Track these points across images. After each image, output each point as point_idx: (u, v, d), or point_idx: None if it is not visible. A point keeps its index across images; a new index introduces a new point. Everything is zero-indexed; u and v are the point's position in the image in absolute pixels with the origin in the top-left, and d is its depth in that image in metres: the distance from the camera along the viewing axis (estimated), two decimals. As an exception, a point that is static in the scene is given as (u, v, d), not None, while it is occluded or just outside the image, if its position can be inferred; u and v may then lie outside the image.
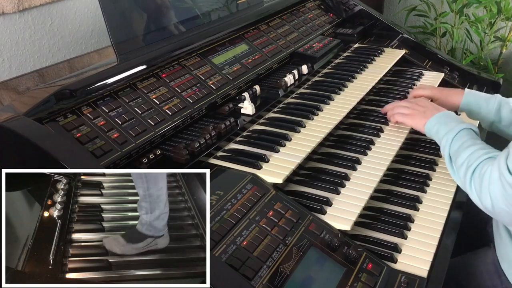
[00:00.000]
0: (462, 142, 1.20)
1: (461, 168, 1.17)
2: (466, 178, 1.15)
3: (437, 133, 1.29)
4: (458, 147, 1.20)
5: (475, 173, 1.13)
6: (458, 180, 1.21)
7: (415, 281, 1.03)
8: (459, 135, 1.22)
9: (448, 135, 1.24)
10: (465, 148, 1.18)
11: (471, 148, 1.17)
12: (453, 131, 1.24)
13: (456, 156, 1.20)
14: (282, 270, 0.95)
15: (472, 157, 1.15)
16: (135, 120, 1.18)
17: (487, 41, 2.62)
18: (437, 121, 1.30)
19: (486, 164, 1.11)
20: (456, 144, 1.21)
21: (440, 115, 1.32)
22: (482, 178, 1.10)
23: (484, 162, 1.12)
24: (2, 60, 1.65)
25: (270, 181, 1.15)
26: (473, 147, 1.17)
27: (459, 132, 1.23)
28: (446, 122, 1.28)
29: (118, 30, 1.35)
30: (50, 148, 0.93)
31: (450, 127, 1.26)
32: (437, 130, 1.29)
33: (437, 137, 1.30)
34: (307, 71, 1.65)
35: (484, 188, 1.09)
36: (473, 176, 1.13)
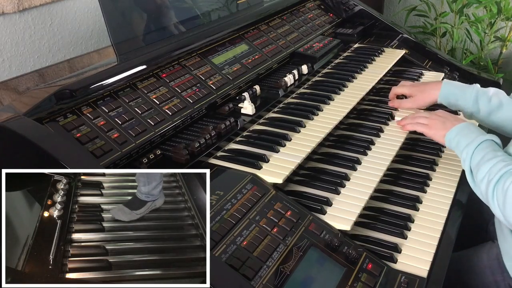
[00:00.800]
0: (483, 155, 1.17)
1: (482, 182, 1.15)
2: (488, 192, 1.13)
3: (458, 145, 1.26)
4: (479, 161, 1.17)
5: (497, 187, 1.10)
6: (480, 195, 1.18)
7: (415, 281, 1.03)
8: (480, 147, 1.19)
9: (469, 148, 1.21)
10: (486, 161, 1.15)
11: (492, 161, 1.14)
12: (474, 143, 1.21)
13: (476, 170, 1.17)
14: (282, 270, 0.95)
15: (493, 170, 1.13)
16: (135, 120, 1.18)
17: (487, 41, 2.62)
18: (457, 133, 1.28)
19: (509, 178, 1.09)
20: (477, 157, 1.18)
21: (461, 127, 1.29)
22: (506, 194, 1.08)
23: (506, 175, 1.10)
24: (2, 60, 1.65)
25: (270, 181, 1.15)
26: (494, 160, 1.14)
27: (479, 144, 1.20)
28: (466, 134, 1.25)
29: (118, 30, 1.35)
30: (50, 148, 0.93)
31: (470, 139, 1.23)
32: (457, 142, 1.26)
33: (457, 150, 1.27)
34: (307, 71, 1.65)
35: (508, 204, 1.07)
36: (495, 191, 1.11)
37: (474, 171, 1.19)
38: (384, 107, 1.61)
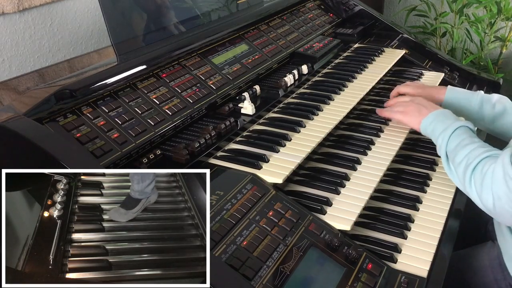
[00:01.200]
0: (460, 140, 1.18)
1: (460, 166, 1.15)
2: (465, 176, 1.13)
3: (433, 132, 1.27)
4: (456, 145, 1.18)
5: (475, 171, 1.10)
6: (455, 179, 1.19)
7: (415, 281, 1.03)
8: (456, 133, 1.20)
9: (445, 133, 1.22)
10: (464, 146, 1.16)
11: (470, 146, 1.15)
12: (450, 129, 1.21)
13: (454, 155, 1.18)
14: (282, 270, 0.95)
15: (471, 155, 1.13)
16: (135, 120, 1.18)
17: (487, 41, 2.62)
18: (433, 119, 1.28)
19: (487, 163, 1.09)
20: (454, 142, 1.19)
21: (436, 113, 1.29)
22: (484, 177, 1.08)
23: (485, 160, 1.10)
24: (2, 60, 1.65)
25: (270, 181, 1.15)
26: (472, 145, 1.15)
27: (455, 129, 1.21)
28: (442, 120, 1.26)
29: (118, 30, 1.35)
30: (50, 148, 0.93)
31: (446, 125, 1.23)
32: (433, 128, 1.27)
33: (433, 136, 1.27)
34: (307, 71, 1.65)
35: (485, 187, 1.07)
36: (473, 174, 1.11)
37: (451, 156, 1.18)
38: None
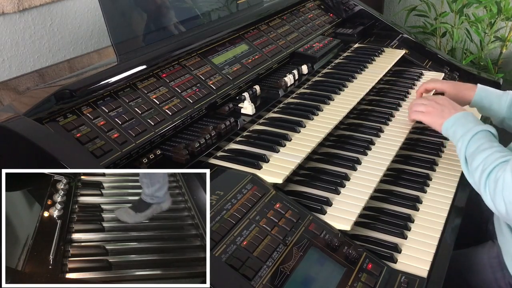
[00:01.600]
0: (479, 144, 1.17)
1: (476, 171, 1.14)
2: (481, 181, 1.13)
3: (454, 135, 1.26)
4: (474, 150, 1.17)
5: (490, 177, 1.10)
6: (473, 184, 1.18)
7: (415, 281, 1.03)
8: (476, 137, 1.19)
9: (465, 137, 1.21)
10: (482, 151, 1.15)
11: (487, 151, 1.14)
12: (470, 133, 1.20)
13: (472, 159, 1.17)
14: (282, 270, 0.95)
15: (487, 160, 1.13)
16: (135, 120, 1.18)
17: (487, 41, 2.62)
18: (454, 122, 1.27)
19: (501, 168, 1.09)
20: (473, 146, 1.18)
21: (459, 116, 1.28)
22: (497, 183, 1.08)
23: (500, 165, 1.10)
24: (2, 60, 1.65)
25: (270, 181, 1.15)
26: (490, 150, 1.14)
27: (476, 134, 1.20)
28: (463, 124, 1.25)
29: (118, 30, 1.35)
30: (50, 148, 0.93)
31: (467, 129, 1.22)
32: (454, 131, 1.26)
33: (454, 139, 1.26)
34: (307, 71, 1.65)
35: (498, 193, 1.08)
36: (488, 180, 1.11)
37: (469, 160, 1.18)
38: (384, 107, 1.61)
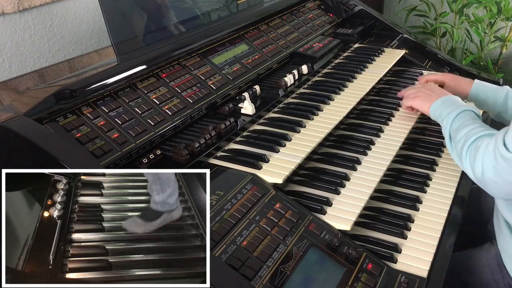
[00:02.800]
0: (463, 121, 1.24)
1: (459, 143, 1.21)
2: (462, 150, 1.19)
3: (440, 115, 1.34)
4: (458, 126, 1.24)
5: (471, 146, 1.17)
6: (454, 156, 1.25)
7: (415, 281, 1.03)
8: (460, 115, 1.26)
9: (450, 115, 1.28)
10: (465, 126, 1.22)
11: (470, 126, 1.21)
12: (455, 112, 1.28)
13: (455, 134, 1.24)
14: (282, 270, 0.95)
15: (470, 132, 1.19)
16: (135, 120, 1.18)
17: (487, 41, 2.62)
18: (441, 104, 1.35)
19: (483, 138, 1.15)
20: (457, 123, 1.25)
21: (445, 99, 1.37)
22: (477, 150, 1.14)
23: (482, 137, 1.16)
24: (2, 60, 1.65)
25: (270, 181, 1.15)
26: (473, 125, 1.21)
27: (460, 113, 1.27)
28: (449, 105, 1.33)
29: (118, 30, 1.35)
30: (50, 148, 0.93)
31: (452, 108, 1.30)
32: (440, 112, 1.34)
33: (439, 119, 1.34)
34: (307, 71, 1.65)
35: (477, 158, 1.13)
36: (469, 149, 1.17)
37: (453, 135, 1.26)
38: (384, 107, 1.61)
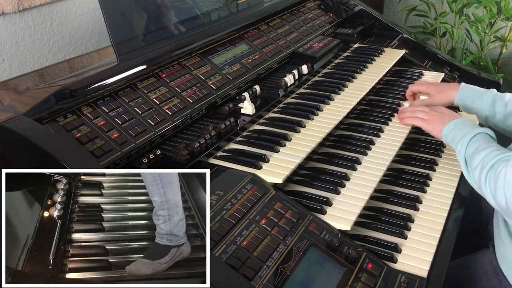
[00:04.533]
0: (478, 145, 1.21)
1: (476, 170, 1.17)
2: (481, 179, 1.15)
3: (453, 139, 1.29)
4: (473, 150, 1.20)
5: (490, 172, 1.13)
6: (473, 183, 1.21)
7: (415, 281, 1.03)
8: (474, 139, 1.23)
9: (464, 139, 1.24)
10: (480, 151, 1.18)
11: (486, 150, 1.17)
12: (468, 135, 1.24)
13: (471, 159, 1.20)
14: (282, 270, 0.95)
15: (487, 158, 1.15)
16: (135, 120, 1.18)
17: (487, 41, 2.62)
18: (453, 127, 1.31)
19: (501, 164, 1.11)
20: (472, 147, 1.22)
21: (457, 122, 1.32)
22: (497, 178, 1.10)
23: (499, 162, 1.12)
24: (2, 60, 1.65)
25: (270, 181, 1.15)
26: (488, 149, 1.17)
27: (474, 136, 1.23)
28: (462, 128, 1.29)
29: (118, 30, 1.35)
30: (50, 148, 0.93)
31: (465, 132, 1.26)
32: (453, 135, 1.30)
33: (453, 143, 1.30)
34: (307, 71, 1.65)
35: (498, 188, 1.09)
36: (488, 177, 1.13)
37: (468, 161, 1.21)
38: (384, 107, 1.61)
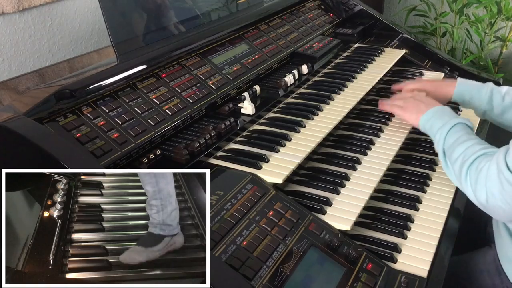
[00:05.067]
0: (457, 136, 1.19)
1: (456, 162, 1.16)
2: (461, 173, 1.14)
3: (431, 128, 1.28)
4: (453, 142, 1.19)
5: (471, 167, 1.11)
6: (452, 176, 1.20)
7: (415, 281, 1.03)
8: (454, 130, 1.21)
9: (442, 130, 1.23)
10: (461, 143, 1.17)
11: (467, 143, 1.16)
12: (447, 125, 1.22)
13: (450, 151, 1.19)
14: (282, 270, 0.95)
15: (468, 151, 1.14)
16: (135, 120, 1.18)
17: (487, 41, 2.62)
18: (431, 116, 1.29)
19: (483, 160, 1.10)
20: (451, 138, 1.20)
21: (435, 110, 1.30)
22: (479, 174, 1.09)
23: (481, 157, 1.11)
24: (2, 60, 1.65)
25: (270, 181, 1.15)
26: (469, 142, 1.16)
27: (453, 126, 1.22)
28: (440, 117, 1.27)
29: (118, 30, 1.35)
30: (50, 148, 0.93)
31: (444, 121, 1.24)
32: (431, 125, 1.28)
33: (431, 132, 1.28)
34: (307, 71, 1.65)
35: (480, 183, 1.08)
36: (469, 171, 1.12)
37: (448, 153, 1.20)
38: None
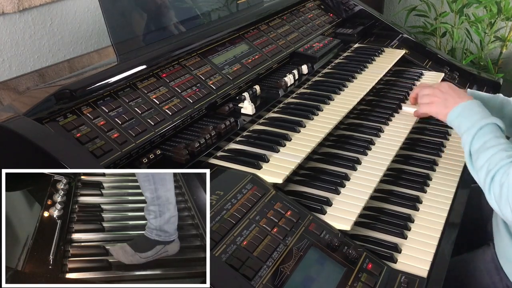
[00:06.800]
0: (485, 141, 1.14)
1: (481, 171, 1.12)
2: (485, 183, 1.11)
3: (459, 127, 1.23)
4: (480, 147, 1.14)
5: (494, 179, 1.08)
6: (477, 180, 1.16)
7: (415, 281, 1.03)
8: (481, 133, 1.16)
9: (470, 131, 1.17)
10: (487, 149, 1.12)
11: (492, 149, 1.11)
12: (475, 127, 1.17)
13: (476, 156, 1.15)
14: (282, 270, 0.95)
15: (492, 160, 1.10)
16: (135, 120, 1.18)
17: (487, 41, 2.62)
18: (459, 113, 1.23)
19: (507, 171, 1.06)
20: (478, 142, 1.15)
21: (463, 106, 1.24)
22: (502, 188, 1.06)
23: (505, 167, 1.07)
24: (2, 60, 1.65)
25: (270, 181, 1.15)
26: (495, 148, 1.11)
27: (481, 128, 1.16)
28: (468, 115, 1.21)
29: (118, 30, 1.35)
30: (50, 148, 0.93)
31: (472, 122, 1.18)
32: (458, 124, 1.23)
33: (458, 131, 1.24)
34: (307, 71, 1.65)
35: (504, 197, 1.05)
36: (492, 182, 1.09)
37: (474, 157, 1.16)
38: (384, 107, 1.61)
